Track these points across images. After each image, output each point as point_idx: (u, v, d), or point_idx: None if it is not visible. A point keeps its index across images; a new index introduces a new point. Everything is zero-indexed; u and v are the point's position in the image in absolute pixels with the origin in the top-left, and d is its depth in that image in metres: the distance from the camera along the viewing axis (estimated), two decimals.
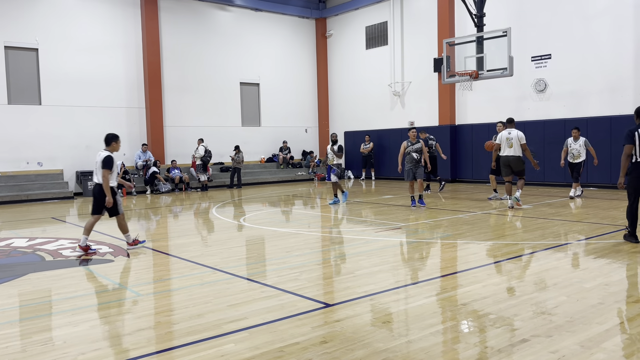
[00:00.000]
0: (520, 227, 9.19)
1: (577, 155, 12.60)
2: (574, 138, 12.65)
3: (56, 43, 17.48)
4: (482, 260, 6.78)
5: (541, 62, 16.34)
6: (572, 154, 12.66)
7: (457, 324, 4.37)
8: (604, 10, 14.99)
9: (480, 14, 13.74)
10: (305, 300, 5.11)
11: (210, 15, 21.01)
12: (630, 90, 14.62)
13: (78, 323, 4.58)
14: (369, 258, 7.07)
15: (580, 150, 12.54)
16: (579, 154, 12.58)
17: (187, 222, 11.71)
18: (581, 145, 12.54)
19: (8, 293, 5.72)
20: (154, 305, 5.18)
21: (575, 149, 12.59)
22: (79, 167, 17.94)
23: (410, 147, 11.83)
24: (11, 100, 16.83)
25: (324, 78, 24.25)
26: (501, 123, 12.56)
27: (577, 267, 6.23)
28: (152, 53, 19.17)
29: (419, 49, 20.06)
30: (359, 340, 4.00)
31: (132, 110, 19.16)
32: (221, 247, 8.14)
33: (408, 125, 20.64)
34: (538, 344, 3.83)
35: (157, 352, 3.91)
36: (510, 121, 11.75)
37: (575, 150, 12.59)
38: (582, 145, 12.54)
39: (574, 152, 12.62)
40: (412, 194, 12.20)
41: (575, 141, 12.62)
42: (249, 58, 22.01)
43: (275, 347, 3.89)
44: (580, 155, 12.56)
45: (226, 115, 21.43)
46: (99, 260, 7.24)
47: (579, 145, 12.56)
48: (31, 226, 10.91)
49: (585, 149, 12.56)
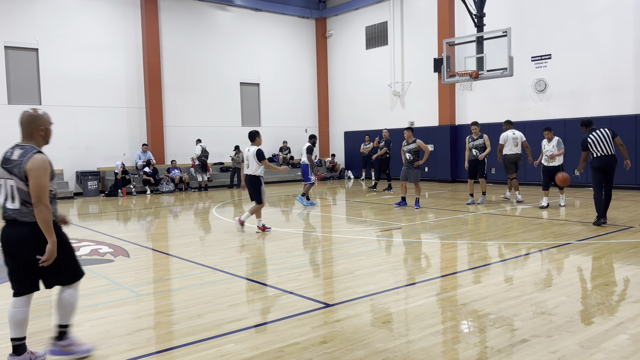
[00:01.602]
0: (520, 227, 9.19)
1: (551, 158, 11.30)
2: (548, 139, 11.28)
3: (56, 43, 17.48)
4: (482, 260, 6.78)
5: (541, 62, 16.34)
6: (545, 157, 11.31)
7: (457, 324, 4.37)
8: (604, 10, 14.99)
9: (480, 14, 13.74)
10: (305, 300, 5.11)
11: (210, 15, 21.01)
12: (630, 90, 14.63)
13: (78, 323, 4.57)
14: (369, 258, 7.07)
15: (554, 152, 11.17)
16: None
17: (187, 222, 11.71)
18: (554, 146, 11.17)
19: (8, 293, 5.70)
20: (154, 305, 5.18)
21: (549, 150, 11.21)
22: (79, 167, 17.94)
23: (405, 147, 11.78)
24: (11, 100, 16.83)
25: (324, 78, 24.25)
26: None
27: (577, 267, 6.23)
28: (152, 53, 19.17)
29: (419, 49, 20.07)
30: (359, 340, 4.00)
31: (132, 110, 19.16)
32: (221, 247, 8.14)
33: (409, 125, 20.67)
34: (538, 344, 3.83)
35: (157, 352, 3.91)
36: (510, 122, 12.57)
37: (549, 152, 11.22)
38: (556, 146, 11.17)
39: (547, 154, 11.26)
40: (403, 194, 12.17)
41: (550, 142, 11.26)
42: (249, 58, 22.02)
43: (275, 347, 3.89)
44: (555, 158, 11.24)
45: (226, 115, 21.44)
46: (99, 260, 7.24)
47: (553, 147, 11.18)
48: None
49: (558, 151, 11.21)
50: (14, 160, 3.56)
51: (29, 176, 3.50)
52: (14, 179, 3.54)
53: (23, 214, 3.56)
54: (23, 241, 3.54)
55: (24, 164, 3.51)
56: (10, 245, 3.57)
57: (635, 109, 14.55)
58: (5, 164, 3.60)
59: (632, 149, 14.52)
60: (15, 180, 3.54)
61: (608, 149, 8.79)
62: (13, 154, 3.60)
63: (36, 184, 3.48)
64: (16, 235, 3.55)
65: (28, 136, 3.68)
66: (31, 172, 3.48)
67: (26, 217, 3.55)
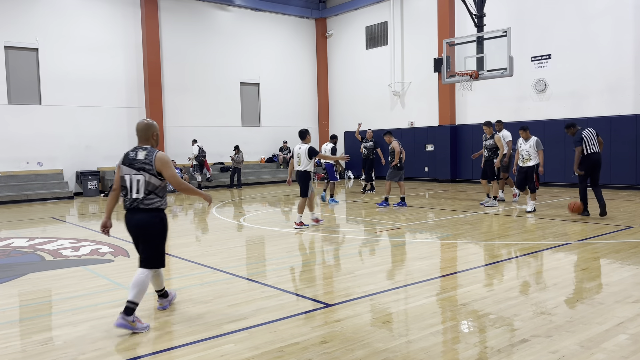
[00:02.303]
0: (520, 227, 9.19)
1: (526, 158, 10.72)
2: (524, 139, 10.85)
3: (56, 43, 17.49)
4: (482, 260, 6.78)
5: (541, 62, 16.34)
6: (521, 156, 10.83)
7: (457, 324, 4.37)
8: (604, 10, 14.99)
9: (480, 14, 13.74)
10: (305, 300, 5.11)
11: (210, 15, 21.01)
12: (630, 90, 14.62)
13: (78, 323, 4.58)
14: (369, 258, 7.07)
15: (530, 152, 10.66)
16: (529, 156, 10.70)
17: (187, 222, 11.71)
18: (532, 146, 10.68)
19: (8, 293, 5.72)
20: (153, 306, 5.18)
21: (525, 150, 10.73)
22: (79, 167, 17.95)
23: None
24: (11, 100, 16.83)
25: (324, 78, 24.25)
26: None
27: (577, 267, 6.23)
28: (152, 53, 19.17)
29: (419, 49, 20.06)
30: (359, 340, 4.00)
31: (132, 110, 19.16)
32: (221, 247, 8.14)
33: (408, 126, 20.67)
34: (538, 344, 3.83)
35: (157, 352, 3.91)
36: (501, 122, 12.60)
37: (525, 152, 10.72)
38: (533, 146, 10.67)
39: (523, 154, 10.76)
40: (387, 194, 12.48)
41: (526, 141, 10.80)
42: (249, 58, 22.01)
43: (275, 347, 3.89)
44: (531, 158, 10.68)
45: (226, 115, 21.44)
46: (99, 260, 7.24)
47: (530, 147, 10.70)
48: (31, 226, 10.91)
49: (536, 151, 10.68)
50: (142, 159, 4.45)
51: (162, 170, 4.45)
52: (143, 174, 4.44)
53: (146, 202, 4.47)
54: (142, 224, 4.50)
55: (154, 162, 4.43)
56: (135, 227, 4.53)
57: (635, 109, 14.55)
58: (132, 163, 4.47)
59: (632, 148, 14.53)
60: (145, 175, 4.44)
61: (596, 147, 9.65)
62: (137, 154, 4.49)
63: (170, 173, 4.49)
64: (139, 220, 4.49)
65: (145, 140, 4.60)
66: (163, 166, 4.45)
67: (148, 204, 4.47)
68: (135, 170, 4.45)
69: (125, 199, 4.55)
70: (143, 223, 4.47)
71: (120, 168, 4.54)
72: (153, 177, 4.44)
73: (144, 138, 4.60)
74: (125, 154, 4.56)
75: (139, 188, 4.45)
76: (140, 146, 4.57)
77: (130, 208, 4.51)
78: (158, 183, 4.48)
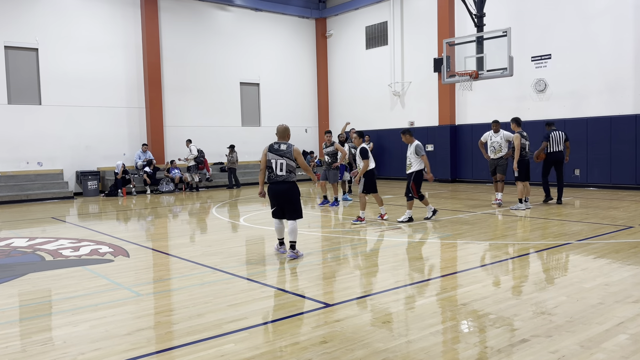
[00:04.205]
0: (520, 227, 9.19)
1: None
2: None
3: (56, 43, 17.49)
4: (482, 260, 6.78)
5: (541, 62, 16.34)
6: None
7: (457, 324, 4.37)
8: (604, 10, 14.99)
9: (480, 14, 13.74)
10: (305, 300, 5.11)
11: (210, 15, 21.01)
12: (630, 90, 14.63)
13: (78, 323, 4.58)
14: (369, 258, 7.07)
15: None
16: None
17: (186, 221, 11.71)
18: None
19: (8, 293, 5.72)
20: (154, 305, 5.18)
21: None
22: (78, 167, 17.95)
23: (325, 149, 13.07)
24: (11, 100, 16.83)
25: (324, 78, 24.25)
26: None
27: (577, 267, 6.23)
28: (152, 53, 19.17)
29: (419, 49, 20.06)
30: (359, 340, 4.00)
31: (132, 110, 19.16)
32: (221, 247, 8.14)
33: (408, 126, 20.66)
34: (538, 344, 3.83)
35: (157, 352, 3.91)
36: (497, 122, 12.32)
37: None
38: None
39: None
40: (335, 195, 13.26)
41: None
42: (249, 58, 22.01)
43: (275, 347, 3.89)
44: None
45: (226, 115, 21.43)
46: (99, 260, 7.24)
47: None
48: (31, 226, 10.91)
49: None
50: (284, 150, 6.76)
51: (297, 158, 6.78)
52: (285, 159, 6.74)
53: (287, 177, 6.81)
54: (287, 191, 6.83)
55: (292, 153, 6.76)
56: (282, 193, 6.83)
57: (635, 109, 14.55)
58: (277, 152, 6.76)
59: (632, 148, 14.53)
60: (286, 160, 6.75)
61: (559, 147, 11.62)
62: (280, 147, 6.79)
63: (302, 160, 6.82)
64: (285, 188, 6.82)
65: (283, 138, 6.89)
66: (298, 156, 6.79)
67: (289, 178, 6.82)
68: (279, 156, 6.72)
69: (270, 175, 6.82)
70: (288, 190, 6.76)
71: (266, 154, 6.80)
72: (292, 161, 6.72)
73: (282, 136, 6.86)
74: (271, 145, 6.80)
75: (282, 168, 6.71)
76: (280, 141, 6.81)
77: (277, 181, 6.77)
78: (294, 165, 6.74)
